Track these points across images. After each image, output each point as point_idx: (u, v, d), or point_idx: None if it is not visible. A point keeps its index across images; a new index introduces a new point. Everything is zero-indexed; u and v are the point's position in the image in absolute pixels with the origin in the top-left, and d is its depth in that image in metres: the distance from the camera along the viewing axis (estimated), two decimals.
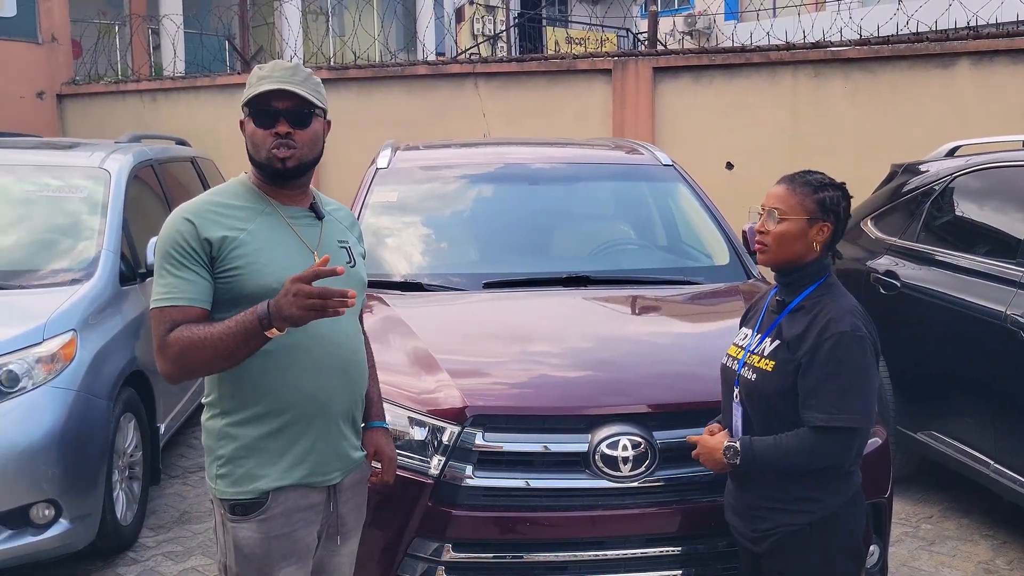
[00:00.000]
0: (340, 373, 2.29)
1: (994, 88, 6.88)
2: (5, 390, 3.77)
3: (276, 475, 2.23)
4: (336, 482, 2.33)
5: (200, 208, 2.24)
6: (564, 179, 4.76)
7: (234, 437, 2.23)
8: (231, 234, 2.19)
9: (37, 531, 3.75)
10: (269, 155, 2.22)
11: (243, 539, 2.24)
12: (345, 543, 2.44)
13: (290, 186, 2.31)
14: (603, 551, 2.92)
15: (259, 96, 2.22)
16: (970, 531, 4.50)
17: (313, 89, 2.27)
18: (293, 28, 11.01)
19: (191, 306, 2.15)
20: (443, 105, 8.60)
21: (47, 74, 10.69)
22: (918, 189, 5.13)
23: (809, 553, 2.47)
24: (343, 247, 2.37)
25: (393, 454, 2.53)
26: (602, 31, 18.11)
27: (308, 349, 2.22)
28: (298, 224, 2.30)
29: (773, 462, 2.43)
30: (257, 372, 2.19)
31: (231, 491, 2.23)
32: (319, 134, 2.30)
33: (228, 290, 2.19)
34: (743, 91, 7.75)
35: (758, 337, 2.57)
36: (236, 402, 2.23)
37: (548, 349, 3.42)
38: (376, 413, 2.55)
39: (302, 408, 2.23)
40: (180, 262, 2.16)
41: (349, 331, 2.33)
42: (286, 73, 2.24)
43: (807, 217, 2.49)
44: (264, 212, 2.27)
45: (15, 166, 5.18)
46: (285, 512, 2.24)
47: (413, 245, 4.43)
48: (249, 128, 2.25)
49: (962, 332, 4.42)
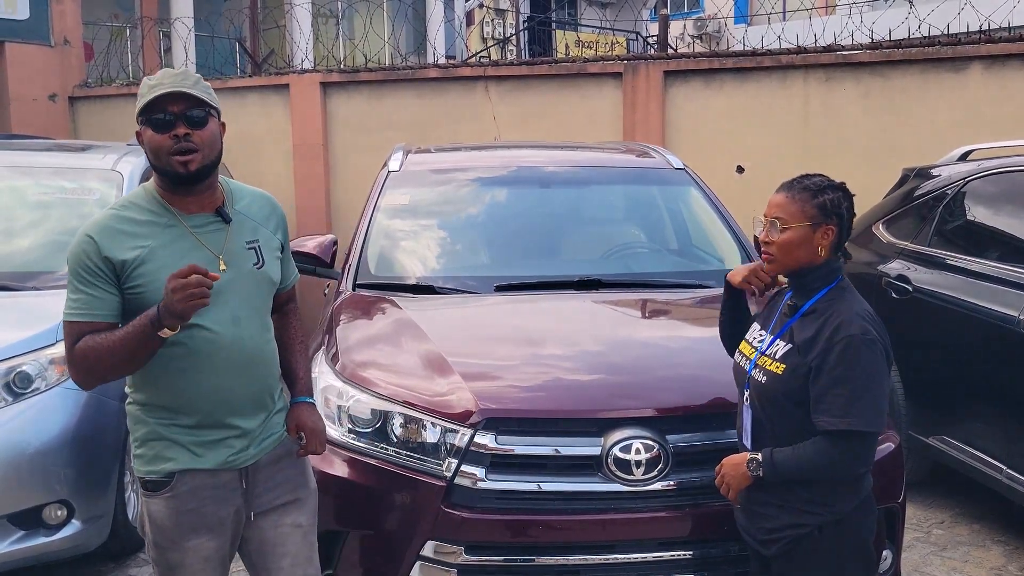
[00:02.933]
0: (243, 373, 2.40)
1: (1006, 92, 6.85)
2: (18, 391, 3.79)
3: (182, 460, 2.38)
4: (247, 464, 2.45)
5: (103, 226, 2.33)
6: (575, 182, 4.76)
7: (145, 422, 2.41)
8: (132, 254, 2.30)
9: (49, 532, 3.76)
10: (170, 161, 2.29)
11: (154, 512, 2.42)
12: (286, 515, 2.53)
13: (194, 191, 2.37)
14: (615, 555, 2.92)
15: (153, 102, 2.29)
16: (982, 536, 4.48)
17: (204, 91, 2.35)
18: (304, 31, 11.04)
19: (97, 321, 2.29)
20: (453, 108, 8.60)
21: (59, 76, 10.72)
22: (930, 193, 5.12)
23: (819, 558, 2.47)
24: (251, 247, 2.44)
25: (316, 425, 2.58)
26: (612, 35, 18.12)
27: (208, 354, 2.34)
28: (202, 232, 2.37)
29: (795, 472, 2.43)
30: (159, 372, 2.34)
31: (143, 469, 2.42)
32: (216, 134, 2.38)
33: (135, 305, 2.29)
34: (754, 95, 7.73)
35: (770, 339, 2.57)
36: (145, 394, 2.40)
37: (560, 352, 3.42)
38: (300, 389, 2.64)
39: (201, 405, 2.37)
40: (85, 279, 2.30)
41: (252, 331, 2.41)
42: (176, 78, 2.33)
43: (809, 223, 2.50)
44: (167, 224, 2.35)
45: (28, 168, 5.21)
46: (192, 490, 2.39)
47: (424, 248, 4.44)
48: (147, 135, 2.32)
49: (974, 337, 4.40)
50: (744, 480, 2.52)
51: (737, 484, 2.55)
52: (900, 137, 7.17)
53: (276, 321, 2.61)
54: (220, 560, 2.48)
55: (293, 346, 2.68)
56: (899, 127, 7.22)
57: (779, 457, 2.44)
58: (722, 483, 2.59)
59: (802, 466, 2.42)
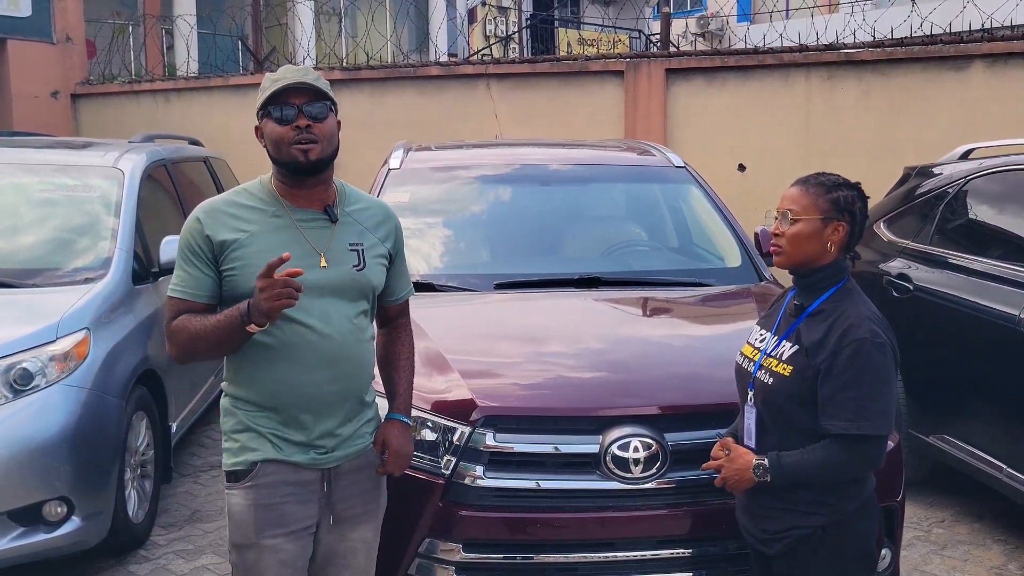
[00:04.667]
0: (330, 369, 2.38)
1: (1008, 90, 6.85)
2: (19, 388, 3.79)
3: (266, 450, 2.38)
4: (330, 466, 2.43)
5: (212, 208, 2.40)
6: (576, 180, 4.76)
7: (234, 414, 2.43)
8: (233, 236, 2.34)
9: (49, 528, 3.77)
10: (292, 151, 2.33)
11: (234, 504, 2.41)
12: (354, 529, 2.50)
13: (309, 184, 2.40)
14: (614, 553, 2.92)
15: (276, 94, 2.34)
16: (982, 535, 4.48)
17: (325, 86, 2.40)
18: (306, 29, 11.04)
19: (193, 300, 2.36)
20: (455, 106, 8.60)
21: (61, 74, 10.73)
22: (931, 192, 5.11)
23: (822, 557, 2.46)
24: (354, 250, 2.44)
25: (401, 448, 2.56)
26: (614, 32, 18.10)
27: (296, 346, 2.35)
28: (307, 227, 2.39)
29: (804, 475, 2.42)
30: (251, 362, 2.37)
31: (229, 461, 2.42)
32: (335, 129, 2.42)
33: (229, 287, 2.35)
34: (756, 93, 7.73)
35: (775, 340, 2.55)
36: (236, 385, 2.42)
37: (559, 350, 3.42)
38: (396, 406, 2.63)
39: (287, 398, 2.37)
40: (188, 258, 2.37)
41: (343, 328, 2.40)
42: (298, 73, 2.38)
43: (821, 217, 2.47)
44: (274, 214, 2.39)
45: (29, 165, 5.21)
46: (273, 484, 2.38)
47: (425, 246, 4.43)
48: (268, 127, 2.36)
49: (975, 335, 4.40)
50: (748, 484, 2.50)
51: (741, 488, 2.53)
52: (902, 135, 7.17)
53: (384, 335, 2.67)
54: (299, 568, 2.43)
55: (398, 362, 2.66)
56: (901, 125, 7.22)
57: (787, 461, 2.42)
58: (722, 483, 2.57)
59: (811, 470, 2.40)
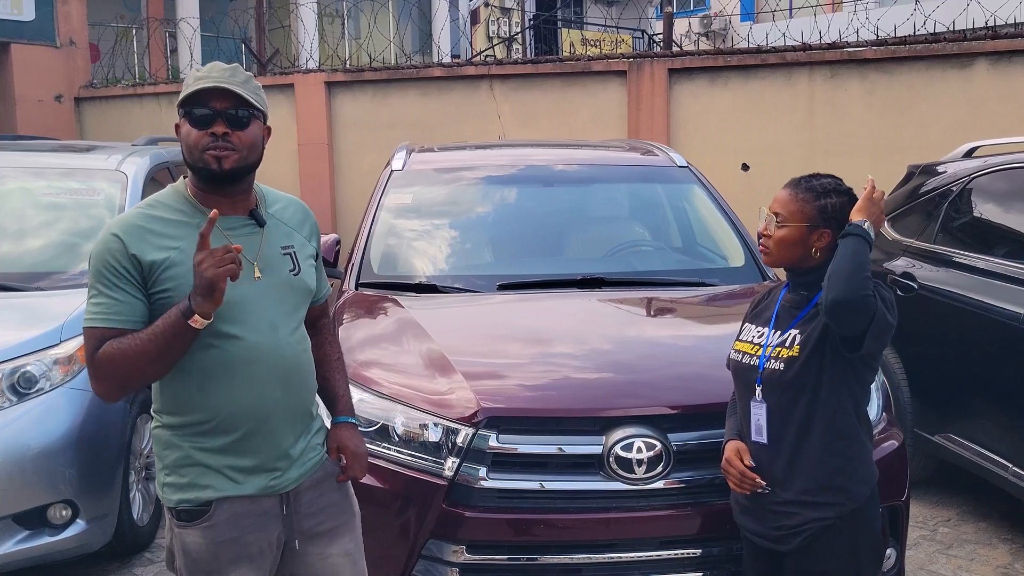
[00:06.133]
0: (281, 384, 2.23)
1: (1012, 88, 6.83)
2: (23, 391, 3.80)
3: (220, 486, 2.20)
4: (288, 489, 2.28)
5: (130, 224, 2.17)
6: (579, 181, 4.76)
7: (177, 447, 2.21)
8: (161, 255, 2.13)
9: (54, 531, 3.77)
10: (203, 157, 2.14)
11: (190, 543, 2.22)
12: (332, 543, 2.38)
13: (229, 192, 2.22)
14: (617, 553, 2.92)
15: (195, 95, 2.15)
16: (988, 535, 4.47)
17: (253, 91, 2.21)
18: (309, 31, 11.03)
19: (121, 328, 2.11)
20: (458, 107, 8.60)
21: (65, 77, 10.76)
22: (936, 190, 5.10)
23: (837, 548, 2.48)
24: (286, 253, 2.29)
25: (358, 448, 2.44)
26: (617, 32, 18.10)
27: (246, 363, 2.17)
28: (235, 235, 2.20)
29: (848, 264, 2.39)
30: (196, 387, 2.17)
31: (175, 498, 2.22)
32: (258, 138, 2.23)
33: (161, 311, 2.11)
34: (759, 92, 7.72)
35: (777, 334, 2.56)
36: (177, 415, 2.21)
37: (562, 351, 3.42)
38: (341, 408, 2.50)
39: (242, 422, 2.19)
40: (110, 281, 2.12)
41: (291, 340, 2.26)
42: (224, 73, 2.18)
43: (806, 224, 2.51)
44: (199, 225, 2.12)
45: (33, 169, 5.22)
46: (231, 519, 2.21)
47: (428, 247, 4.44)
48: (184, 129, 2.17)
49: (980, 334, 4.39)
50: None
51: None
52: (905, 134, 7.15)
53: (311, 337, 2.42)
54: None
55: (331, 363, 2.52)
56: (904, 124, 7.20)
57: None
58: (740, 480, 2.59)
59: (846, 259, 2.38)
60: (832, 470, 2.48)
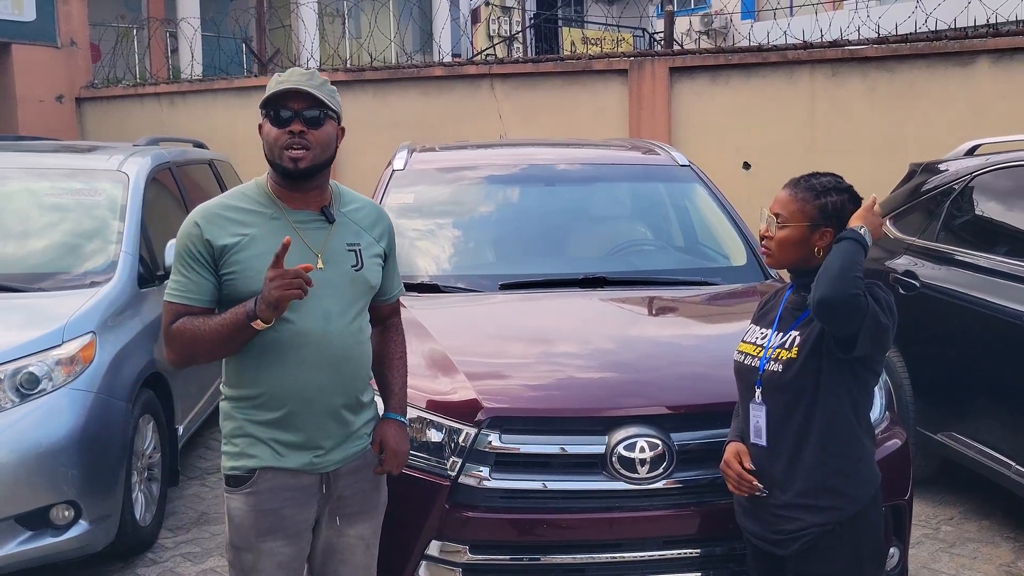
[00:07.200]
0: (330, 370, 2.39)
1: (1014, 86, 6.82)
2: (25, 392, 3.80)
3: (264, 457, 2.40)
4: (329, 470, 2.44)
5: (209, 211, 2.41)
6: (580, 180, 4.75)
7: (234, 418, 2.43)
8: (232, 240, 2.36)
9: (57, 532, 3.77)
10: (282, 155, 2.35)
11: (234, 509, 2.43)
12: (351, 525, 2.52)
13: (303, 188, 2.42)
14: (620, 553, 2.92)
15: (275, 97, 2.36)
16: (991, 533, 4.46)
17: (328, 94, 2.40)
18: (310, 30, 11.03)
19: (193, 305, 2.36)
20: (459, 106, 8.60)
21: (66, 78, 10.77)
22: (937, 188, 5.09)
23: (838, 553, 2.47)
24: (351, 250, 2.46)
25: (399, 446, 2.57)
26: (618, 31, 18.08)
27: (296, 347, 2.36)
28: (305, 228, 2.41)
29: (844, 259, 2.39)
30: (252, 365, 2.38)
31: (227, 464, 2.44)
32: (332, 137, 2.42)
33: (228, 291, 2.36)
34: (760, 91, 7.72)
35: (779, 335, 2.56)
36: (235, 388, 2.43)
37: (565, 350, 3.42)
38: (393, 406, 2.64)
39: (288, 401, 2.38)
40: (187, 262, 2.37)
41: (343, 330, 2.41)
42: (302, 77, 2.39)
43: (807, 223, 2.51)
44: (272, 216, 2.40)
45: (35, 169, 5.22)
46: (272, 489, 2.40)
47: (429, 247, 4.43)
48: (265, 128, 2.38)
49: (982, 332, 4.39)
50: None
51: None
52: (907, 132, 7.15)
53: (378, 335, 2.65)
54: (294, 569, 2.46)
55: (392, 360, 2.68)
56: (906, 122, 7.20)
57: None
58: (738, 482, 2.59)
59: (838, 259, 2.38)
60: (830, 472, 2.47)
